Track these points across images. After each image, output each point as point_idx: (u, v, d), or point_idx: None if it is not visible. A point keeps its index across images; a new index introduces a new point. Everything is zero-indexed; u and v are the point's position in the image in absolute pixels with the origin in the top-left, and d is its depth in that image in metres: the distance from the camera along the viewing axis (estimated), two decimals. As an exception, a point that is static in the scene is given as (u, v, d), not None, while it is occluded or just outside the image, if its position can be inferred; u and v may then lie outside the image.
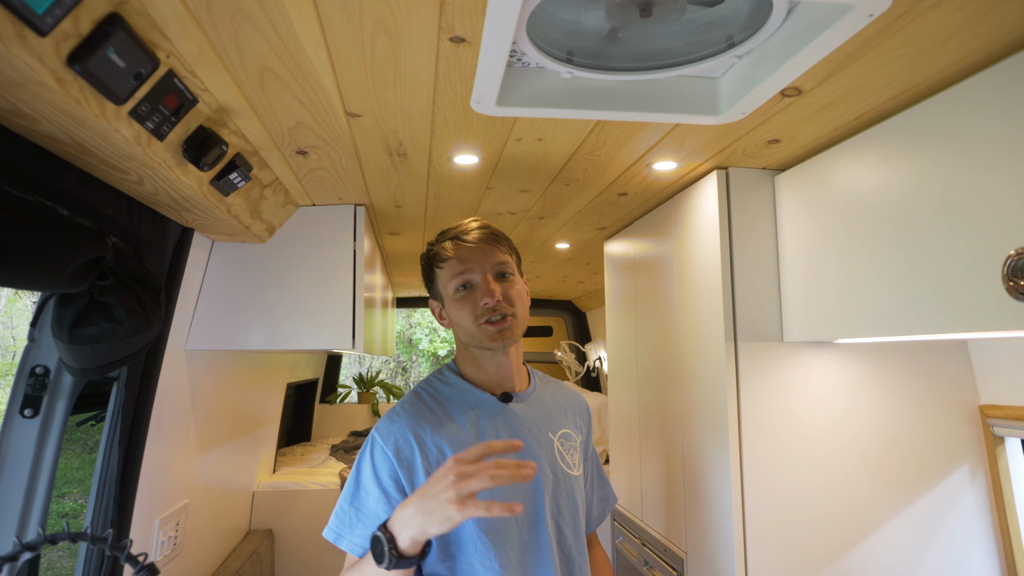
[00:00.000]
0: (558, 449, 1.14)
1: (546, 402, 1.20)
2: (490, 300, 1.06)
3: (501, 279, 1.10)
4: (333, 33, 0.83)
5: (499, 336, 1.07)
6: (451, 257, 1.10)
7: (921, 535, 1.40)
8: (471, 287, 1.09)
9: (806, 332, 1.34)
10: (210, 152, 1.06)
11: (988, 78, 0.91)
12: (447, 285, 1.11)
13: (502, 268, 1.10)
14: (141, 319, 1.16)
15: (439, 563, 1.02)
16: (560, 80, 0.99)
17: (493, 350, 1.10)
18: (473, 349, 1.12)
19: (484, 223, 1.15)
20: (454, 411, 1.10)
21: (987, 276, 0.89)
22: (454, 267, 1.09)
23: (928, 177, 1.01)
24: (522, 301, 1.12)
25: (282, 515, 2.58)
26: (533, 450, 1.10)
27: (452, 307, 1.11)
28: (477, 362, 1.13)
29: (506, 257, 1.12)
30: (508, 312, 1.07)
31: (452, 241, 1.12)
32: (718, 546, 1.39)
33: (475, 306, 1.07)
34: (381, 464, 1.03)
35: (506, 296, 1.08)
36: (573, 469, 1.15)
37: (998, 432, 1.43)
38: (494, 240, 1.12)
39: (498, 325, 1.07)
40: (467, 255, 1.09)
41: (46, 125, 0.83)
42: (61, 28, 0.67)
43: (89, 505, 1.33)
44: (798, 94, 1.05)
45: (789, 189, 1.40)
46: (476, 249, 1.09)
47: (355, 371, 8.07)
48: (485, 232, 1.12)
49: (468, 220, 1.16)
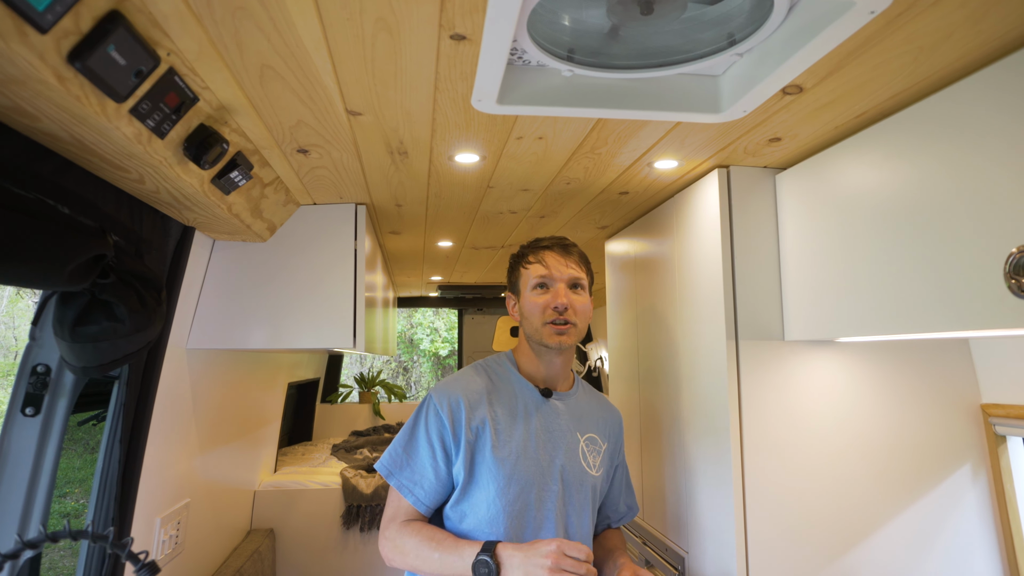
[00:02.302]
0: (582, 449, 1.30)
1: (582, 407, 1.36)
2: (560, 305, 1.24)
3: (573, 289, 1.28)
4: (334, 30, 0.83)
5: (558, 337, 1.24)
6: (537, 261, 1.29)
7: (923, 534, 1.39)
8: (547, 289, 1.27)
9: (807, 331, 1.33)
10: (211, 150, 1.06)
11: (990, 75, 0.90)
12: (528, 282, 1.29)
13: (577, 280, 1.29)
14: (142, 317, 1.16)
15: (452, 506, 1.22)
16: (561, 78, 0.99)
17: (550, 349, 1.27)
18: (533, 343, 1.30)
19: (571, 242, 1.35)
20: (502, 393, 1.28)
21: (989, 274, 0.89)
22: (538, 269, 1.28)
23: (930, 175, 1.01)
24: (585, 315, 1.29)
25: (283, 514, 2.58)
26: (559, 442, 1.27)
27: (526, 302, 1.29)
28: (533, 357, 1.31)
29: (582, 273, 1.30)
30: (572, 320, 1.25)
31: (543, 249, 1.31)
32: (719, 545, 1.39)
33: (546, 306, 1.25)
34: (433, 422, 1.22)
35: (573, 306, 1.26)
36: (592, 469, 1.30)
37: (1000, 431, 1.43)
38: (576, 257, 1.31)
39: (560, 328, 1.24)
40: (552, 262, 1.28)
41: (47, 123, 0.83)
42: (62, 25, 0.67)
43: (90, 504, 1.33)
44: (799, 92, 1.05)
45: (790, 188, 1.40)
46: (560, 260, 1.29)
47: (356, 371, 8.07)
48: (570, 248, 1.32)
49: (558, 237, 1.35)
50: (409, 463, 1.22)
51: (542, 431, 1.26)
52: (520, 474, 1.20)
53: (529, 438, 1.24)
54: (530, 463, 1.22)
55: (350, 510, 2.61)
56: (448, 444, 1.21)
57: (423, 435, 1.22)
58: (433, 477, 1.21)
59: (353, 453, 3.33)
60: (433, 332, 13.43)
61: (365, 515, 2.61)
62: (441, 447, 1.21)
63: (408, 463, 1.22)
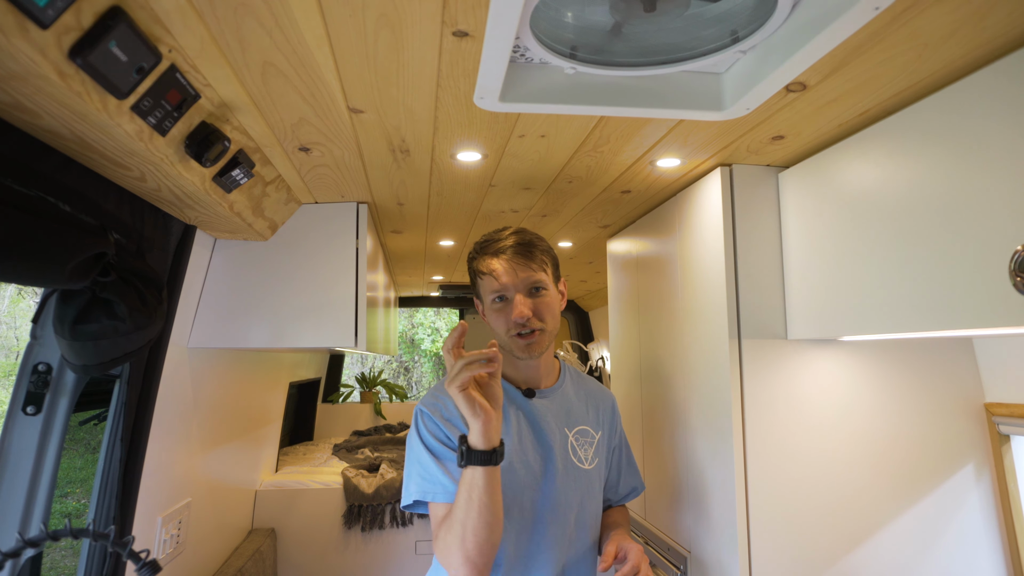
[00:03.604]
0: (571, 444, 1.27)
1: (569, 400, 1.32)
2: (520, 318, 1.17)
3: (534, 294, 1.20)
4: (336, 27, 0.83)
5: (527, 349, 1.20)
6: (487, 273, 1.21)
7: (926, 534, 1.39)
8: (506, 301, 1.20)
9: (810, 329, 1.33)
10: (212, 148, 1.06)
11: (995, 72, 0.90)
12: (485, 295, 1.23)
13: (534, 284, 1.20)
14: (143, 316, 1.16)
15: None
16: (563, 76, 0.99)
17: (522, 359, 1.23)
18: (505, 351, 1.25)
19: (520, 236, 1.23)
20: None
21: (994, 272, 0.88)
22: (490, 283, 1.21)
23: (934, 172, 1.00)
24: (552, 312, 1.22)
25: (285, 514, 2.57)
26: (548, 441, 1.23)
27: (489, 315, 1.24)
28: (511, 360, 1.27)
29: (539, 274, 1.20)
30: (537, 327, 1.19)
31: (491, 256, 1.21)
32: (722, 545, 1.39)
33: (508, 319, 1.19)
34: (433, 428, 1.17)
35: (536, 311, 1.19)
36: (584, 463, 1.27)
37: (1004, 430, 1.42)
38: (528, 255, 1.20)
39: (527, 339, 1.19)
40: (501, 272, 1.19)
41: (47, 119, 0.82)
42: (63, 21, 0.67)
43: (91, 503, 1.33)
44: (803, 89, 1.05)
45: (793, 186, 1.39)
46: (509, 268, 1.19)
47: (357, 371, 8.07)
48: (520, 248, 1.20)
49: (505, 232, 1.24)
50: (443, 467, 1.12)
51: (529, 433, 1.23)
52: (513, 482, 1.16)
53: (518, 442, 1.21)
54: (521, 467, 1.19)
55: (351, 510, 2.61)
56: (452, 444, 1.16)
57: (433, 440, 1.16)
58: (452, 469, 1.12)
59: (354, 453, 3.33)
60: (434, 332, 13.43)
61: (366, 515, 2.61)
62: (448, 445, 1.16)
63: (441, 467, 1.12)
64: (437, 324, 13.47)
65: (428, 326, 13.47)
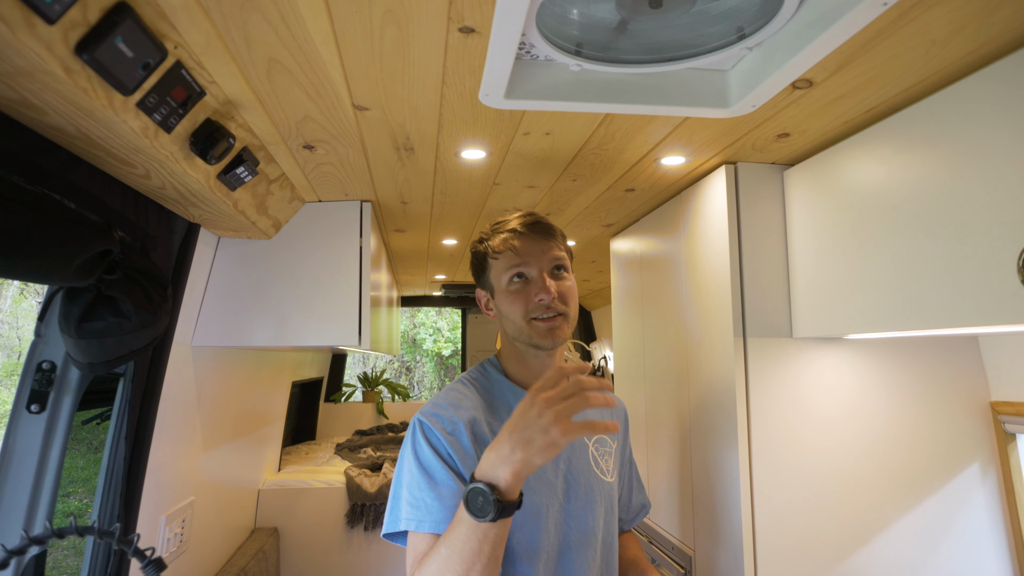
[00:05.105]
0: (592, 455, 1.12)
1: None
2: (546, 297, 1.02)
3: (556, 275, 1.07)
4: (342, 23, 0.83)
5: (549, 334, 1.03)
6: (507, 249, 1.06)
7: (932, 533, 1.38)
8: (526, 280, 1.06)
9: (816, 328, 1.33)
10: (217, 145, 1.06)
11: (1003, 69, 0.89)
12: (500, 276, 1.07)
13: (558, 262, 1.07)
14: (148, 314, 1.16)
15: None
16: (569, 73, 0.99)
17: (543, 348, 1.05)
18: (519, 344, 1.08)
19: (540, 216, 1.11)
20: (497, 406, 1.07)
21: (1002, 269, 0.88)
22: (510, 259, 1.06)
23: (941, 169, 1.00)
24: (574, 299, 1.08)
25: (287, 513, 2.57)
26: (568, 455, 1.08)
27: (503, 299, 1.07)
28: (521, 358, 1.10)
29: (562, 252, 1.09)
30: (561, 310, 1.04)
31: (510, 233, 1.07)
32: (727, 544, 1.38)
33: (528, 301, 1.04)
34: (435, 442, 0.98)
35: (560, 294, 1.04)
36: (607, 475, 1.14)
37: (1009, 429, 1.42)
38: (552, 234, 1.09)
39: (549, 323, 1.03)
40: (525, 248, 1.05)
41: (53, 116, 0.82)
42: (69, 16, 0.67)
43: (95, 501, 1.32)
44: (809, 86, 1.04)
45: (799, 184, 1.39)
46: (535, 243, 1.06)
47: (359, 370, 8.08)
48: (544, 225, 1.09)
49: (523, 212, 1.12)
50: (437, 493, 0.95)
51: None
52: (532, 504, 0.99)
53: None
54: (540, 486, 1.01)
55: (354, 509, 2.61)
56: (455, 460, 0.97)
57: (432, 457, 0.97)
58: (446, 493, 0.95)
59: (357, 452, 3.33)
60: (436, 332, 13.43)
61: (369, 514, 2.61)
62: (451, 462, 0.97)
63: (435, 494, 0.94)
64: (439, 324, 13.47)
65: (430, 326, 13.47)
